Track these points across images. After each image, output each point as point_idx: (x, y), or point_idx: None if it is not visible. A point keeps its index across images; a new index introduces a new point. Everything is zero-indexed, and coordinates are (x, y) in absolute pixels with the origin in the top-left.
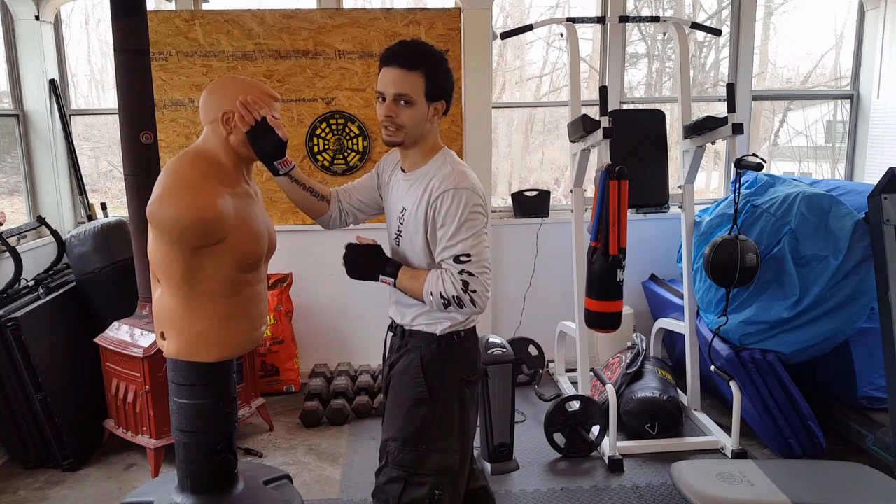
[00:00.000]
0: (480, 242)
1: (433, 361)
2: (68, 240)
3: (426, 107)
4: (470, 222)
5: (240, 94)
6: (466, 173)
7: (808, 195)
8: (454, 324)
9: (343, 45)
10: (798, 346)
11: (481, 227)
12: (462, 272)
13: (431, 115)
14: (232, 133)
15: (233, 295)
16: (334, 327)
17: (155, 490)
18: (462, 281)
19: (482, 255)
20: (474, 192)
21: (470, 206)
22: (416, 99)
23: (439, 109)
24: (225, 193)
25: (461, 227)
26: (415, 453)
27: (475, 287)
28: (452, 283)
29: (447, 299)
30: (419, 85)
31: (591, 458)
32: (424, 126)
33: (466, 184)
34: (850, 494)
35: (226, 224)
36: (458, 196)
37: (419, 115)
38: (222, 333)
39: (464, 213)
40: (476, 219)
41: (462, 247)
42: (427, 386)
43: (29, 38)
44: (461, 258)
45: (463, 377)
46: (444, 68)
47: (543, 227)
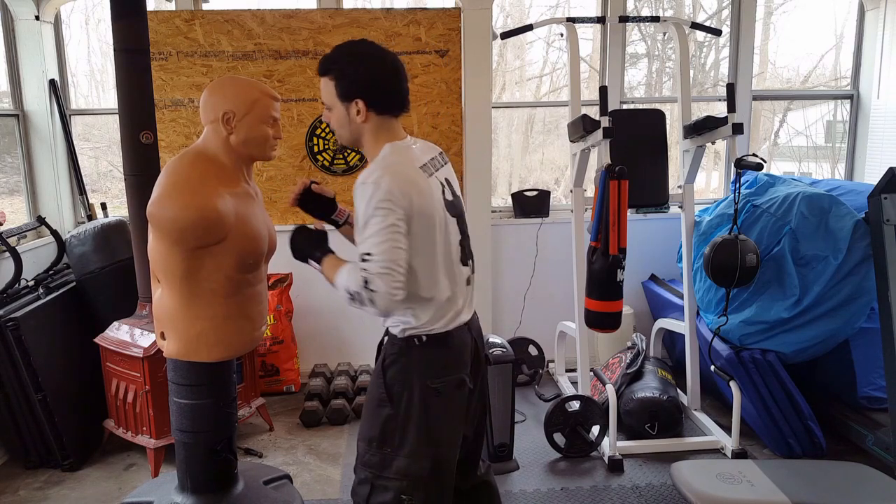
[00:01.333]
0: (385, 241)
1: (394, 364)
2: (68, 240)
3: (342, 108)
4: (374, 219)
5: (240, 94)
6: (380, 167)
7: (808, 195)
8: (408, 327)
9: None
10: (798, 346)
11: (386, 224)
12: (364, 270)
13: (354, 115)
14: (232, 133)
15: (233, 295)
16: (334, 327)
17: (155, 490)
18: (363, 278)
19: (385, 253)
20: (377, 187)
21: (374, 201)
22: (331, 103)
23: (361, 108)
24: (225, 193)
25: (366, 224)
26: (380, 455)
27: (374, 287)
28: (356, 278)
29: (350, 294)
30: (331, 89)
31: (591, 458)
32: (350, 127)
33: (372, 178)
34: (850, 494)
35: (226, 224)
36: (363, 191)
37: (339, 118)
38: (222, 333)
39: (367, 210)
40: (378, 215)
41: (365, 245)
42: (385, 388)
43: (29, 38)
44: (364, 256)
45: (427, 383)
46: (355, 67)
47: (543, 227)
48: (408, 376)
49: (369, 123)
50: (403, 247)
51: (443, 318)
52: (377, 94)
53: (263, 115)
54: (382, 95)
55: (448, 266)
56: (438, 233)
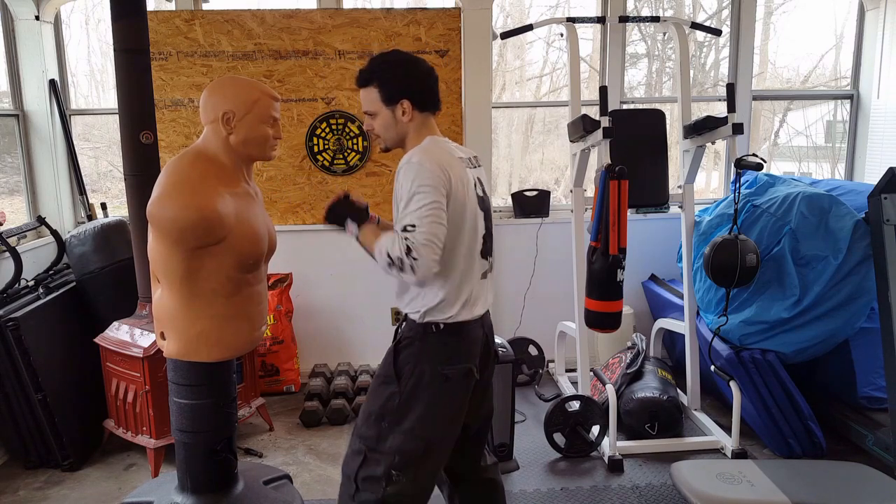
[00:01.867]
0: (428, 215)
1: (409, 346)
2: (68, 240)
3: (388, 112)
4: (418, 195)
5: (240, 94)
6: (423, 150)
7: (808, 195)
8: (426, 311)
9: (343, 45)
10: (798, 346)
11: (430, 200)
12: (406, 238)
13: (400, 116)
14: (232, 133)
15: (233, 295)
16: (334, 327)
17: (155, 490)
18: (406, 246)
19: (429, 226)
20: (422, 167)
21: (419, 179)
22: (376, 110)
23: (407, 108)
24: (225, 193)
25: (410, 199)
26: (376, 429)
27: (417, 255)
28: (399, 245)
29: (391, 259)
30: (375, 96)
31: (591, 458)
32: (398, 128)
33: (416, 159)
34: (850, 494)
35: (226, 224)
36: (408, 170)
37: (386, 122)
38: (222, 333)
39: (412, 187)
40: (422, 191)
41: (408, 218)
42: (395, 367)
43: (29, 38)
44: (407, 227)
45: (438, 368)
46: (396, 72)
47: (543, 227)
48: (420, 359)
49: (414, 122)
50: (444, 223)
51: (457, 303)
52: (419, 93)
53: (263, 115)
54: (424, 94)
55: (469, 255)
56: (468, 221)
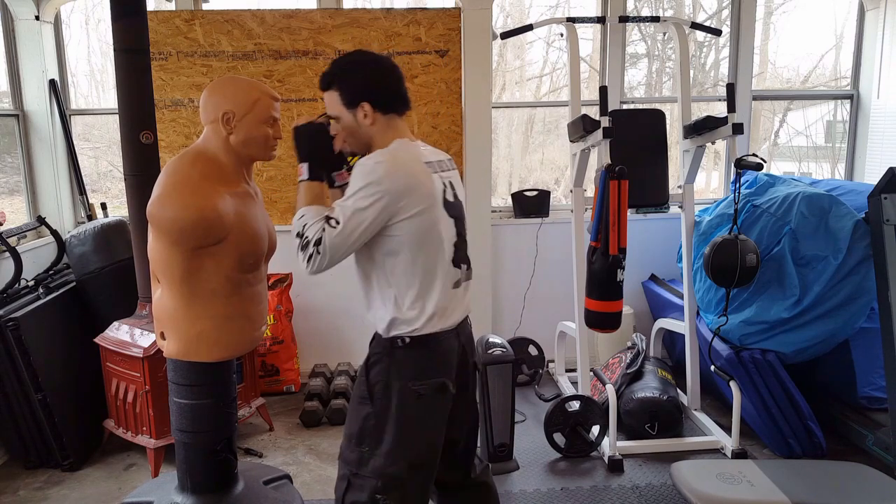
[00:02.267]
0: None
1: (377, 363)
2: (68, 240)
3: (350, 115)
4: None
5: (240, 94)
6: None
7: (808, 195)
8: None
9: (343, 45)
10: (798, 346)
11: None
12: (324, 230)
13: (362, 119)
14: (232, 133)
15: (233, 295)
16: (334, 327)
17: (155, 490)
18: (320, 237)
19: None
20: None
21: (367, 179)
22: (338, 113)
23: (368, 111)
24: (225, 193)
25: (352, 196)
26: (357, 452)
27: (322, 250)
28: (316, 229)
29: (303, 233)
30: (336, 99)
31: (591, 458)
32: (361, 131)
33: (374, 159)
34: (850, 494)
35: (226, 224)
36: (362, 167)
37: (348, 125)
38: (222, 333)
39: (358, 183)
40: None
41: (340, 212)
42: (367, 386)
43: (29, 38)
44: (332, 220)
45: (408, 385)
46: (355, 73)
47: (543, 227)
48: (389, 376)
49: (377, 125)
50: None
51: (421, 315)
52: (380, 94)
53: (264, 116)
54: (385, 95)
55: (433, 264)
56: (431, 230)
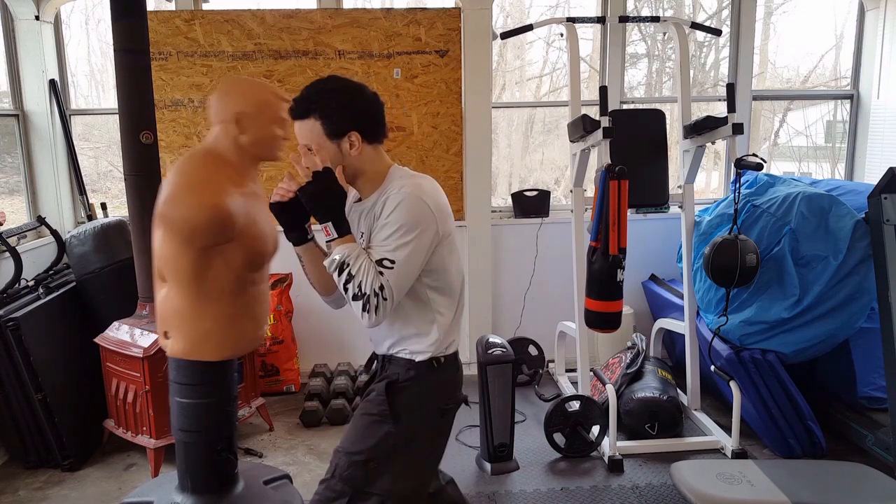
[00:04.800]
0: (410, 258)
1: (408, 387)
2: (68, 240)
3: (333, 146)
4: (408, 232)
5: (252, 95)
6: (422, 185)
7: (808, 195)
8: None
9: (343, 45)
10: (798, 346)
11: (416, 245)
12: (382, 275)
13: (347, 150)
14: (243, 133)
15: (239, 294)
16: (334, 327)
17: (155, 490)
18: (381, 284)
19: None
20: (420, 201)
21: (414, 213)
22: (319, 144)
23: (356, 141)
24: (235, 193)
25: (398, 233)
26: (364, 470)
27: (387, 296)
28: (373, 279)
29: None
30: (317, 129)
31: (591, 458)
32: (345, 163)
33: (410, 190)
34: (850, 494)
35: (236, 223)
36: (408, 201)
37: (331, 158)
38: (228, 332)
39: (405, 219)
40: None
41: (391, 253)
42: (390, 406)
43: (29, 38)
44: (387, 263)
45: (440, 405)
46: (342, 100)
47: (543, 227)
48: (422, 399)
49: (364, 156)
50: (414, 274)
51: (456, 332)
52: (368, 123)
53: (274, 116)
54: (373, 124)
55: (460, 283)
56: (455, 250)
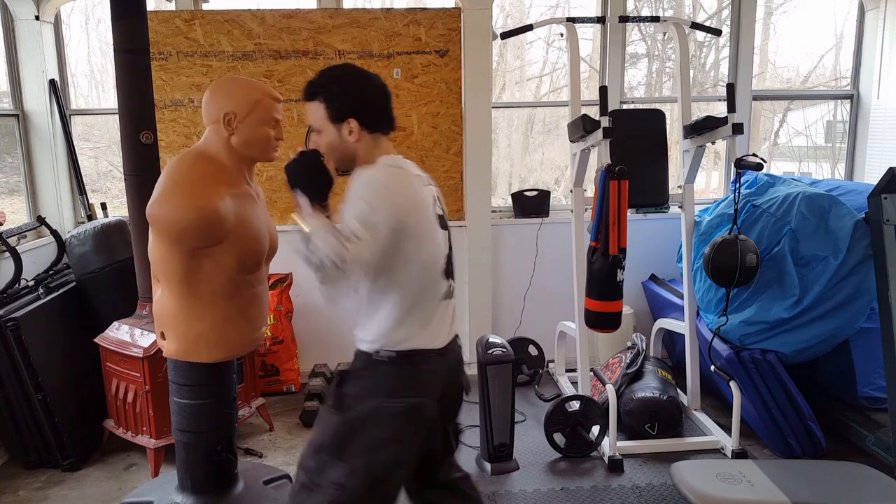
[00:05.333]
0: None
1: (354, 377)
2: (68, 240)
3: (334, 130)
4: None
5: (242, 95)
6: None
7: (808, 195)
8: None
9: (343, 45)
10: (798, 346)
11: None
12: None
13: (346, 136)
14: (234, 134)
15: (233, 296)
16: (334, 327)
17: (155, 490)
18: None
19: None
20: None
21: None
22: (321, 126)
23: (354, 128)
24: (226, 194)
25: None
26: (317, 460)
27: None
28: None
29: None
30: (321, 112)
31: (591, 458)
32: (345, 147)
33: (372, 172)
34: (850, 494)
35: (226, 225)
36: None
37: (331, 140)
38: (222, 334)
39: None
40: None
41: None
42: (338, 396)
43: (29, 38)
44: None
45: (384, 403)
46: (344, 88)
47: (543, 227)
48: (367, 391)
49: (362, 143)
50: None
51: (412, 325)
52: (368, 112)
53: (265, 117)
54: (373, 113)
55: (426, 275)
56: (425, 239)
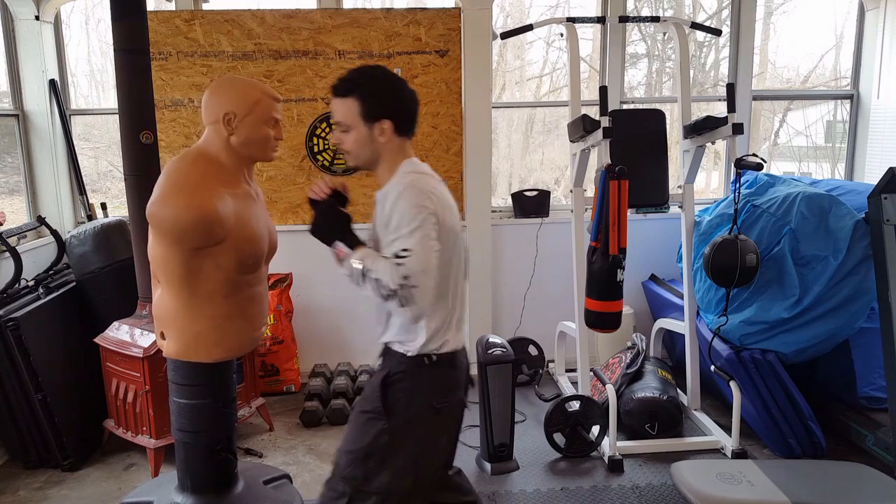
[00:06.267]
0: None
1: (399, 381)
2: (68, 240)
3: (365, 129)
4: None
5: (241, 95)
6: (410, 175)
7: (808, 195)
8: (423, 345)
9: (343, 45)
10: (798, 346)
11: (427, 226)
12: (401, 265)
13: (377, 136)
14: (233, 134)
15: (232, 295)
16: (334, 327)
17: (155, 490)
18: (402, 274)
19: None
20: (417, 190)
21: (413, 202)
22: (351, 124)
23: (387, 129)
24: (225, 194)
25: (404, 223)
26: (363, 469)
27: (415, 282)
28: (393, 273)
29: (391, 290)
30: (354, 109)
31: (591, 458)
32: (373, 147)
33: (408, 181)
34: (850, 494)
35: (225, 225)
36: (399, 192)
37: (360, 139)
38: (222, 334)
39: (404, 207)
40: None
41: (404, 242)
42: (384, 403)
43: (29, 38)
44: (401, 253)
45: (432, 403)
46: (384, 87)
47: (543, 227)
48: (413, 394)
49: (389, 145)
50: (438, 251)
51: (450, 330)
52: (403, 116)
53: (264, 116)
54: (407, 117)
55: (458, 278)
56: (457, 244)
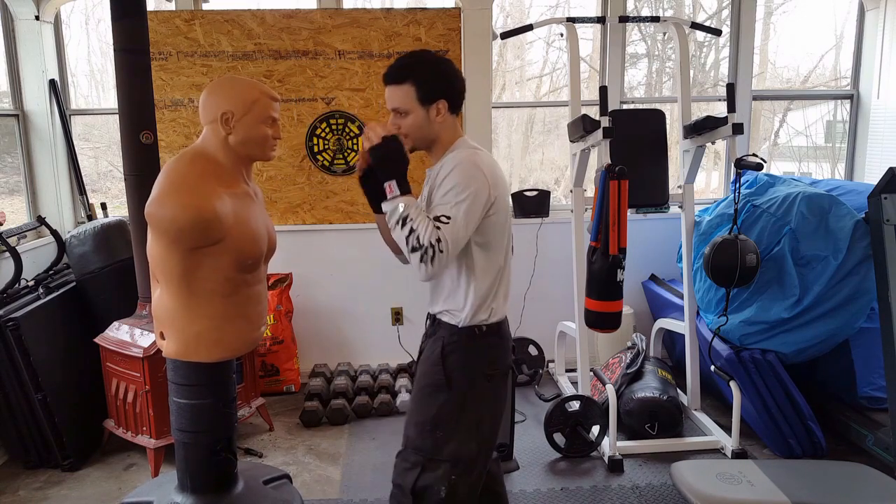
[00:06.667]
0: (467, 215)
1: (454, 352)
2: (68, 240)
3: (423, 111)
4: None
5: (239, 94)
6: (479, 153)
7: (808, 195)
8: (472, 316)
9: (343, 45)
10: (798, 346)
11: (472, 202)
12: (439, 229)
13: (434, 116)
14: (231, 133)
15: (232, 295)
16: (334, 327)
17: (155, 490)
18: (437, 236)
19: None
20: (475, 166)
21: (469, 175)
22: (409, 108)
23: (441, 108)
24: (223, 194)
25: (454, 191)
26: (432, 439)
27: (444, 248)
28: (430, 232)
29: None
30: (410, 94)
31: (591, 458)
32: (430, 128)
33: (467, 155)
34: (850, 494)
35: (224, 225)
36: (461, 167)
37: (418, 121)
38: (221, 334)
39: (460, 180)
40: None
41: (447, 209)
42: (445, 374)
43: (29, 38)
44: (443, 217)
45: (484, 371)
46: (436, 70)
47: (543, 227)
48: (468, 364)
49: (445, 123)
50: (468, 231)
51: (498, 300)
52: (455, 94)
53: (262, 116)
54: (458, 95)
55: (508, 255)
56: (508, 221)
